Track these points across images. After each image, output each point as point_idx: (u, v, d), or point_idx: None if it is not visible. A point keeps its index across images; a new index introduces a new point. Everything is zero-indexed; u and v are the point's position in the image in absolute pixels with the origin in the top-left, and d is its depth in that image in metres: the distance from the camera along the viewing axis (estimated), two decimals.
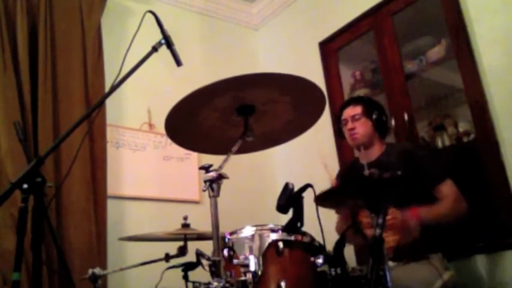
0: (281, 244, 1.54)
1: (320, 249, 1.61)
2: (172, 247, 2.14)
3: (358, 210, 2.30)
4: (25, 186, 1.41)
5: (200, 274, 1.68)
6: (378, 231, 1.51)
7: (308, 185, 1.62)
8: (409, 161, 2.27)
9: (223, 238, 1.60)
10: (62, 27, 3.03)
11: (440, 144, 3.02)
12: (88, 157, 2.89)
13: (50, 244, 2.48)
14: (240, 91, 1.61)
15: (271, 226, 1.59)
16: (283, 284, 1.48)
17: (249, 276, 1.49)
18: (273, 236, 1.56)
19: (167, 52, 1.80)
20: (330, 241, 1.66)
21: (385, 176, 1.59)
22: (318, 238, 1.64)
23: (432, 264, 2.16)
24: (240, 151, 1.66)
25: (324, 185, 1.80)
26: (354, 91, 3.50)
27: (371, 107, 2.51)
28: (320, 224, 1.64)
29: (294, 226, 1.57)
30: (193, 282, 1.82)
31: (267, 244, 1.54)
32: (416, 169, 2.13)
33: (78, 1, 3.14)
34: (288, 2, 3.95)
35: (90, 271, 2.03)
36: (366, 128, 2.48)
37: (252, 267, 1.50)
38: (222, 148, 1.70)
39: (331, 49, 3.61)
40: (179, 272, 2.02)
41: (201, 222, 2.06)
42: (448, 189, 2.28)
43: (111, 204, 2.94)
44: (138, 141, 3.29)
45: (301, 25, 3.84)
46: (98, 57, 3.11)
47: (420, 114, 3.21)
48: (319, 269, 1.57)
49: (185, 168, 3.39)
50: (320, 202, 1.70)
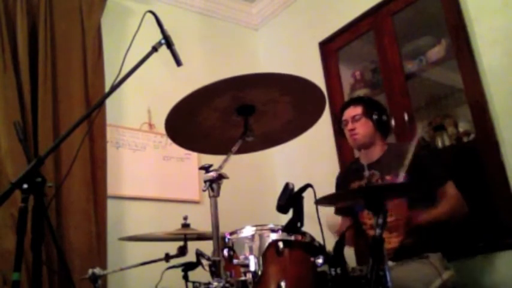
0: (281, 244, 1.54)
1: (320, 249, 1.61)
2: (172, 247, 2.14)
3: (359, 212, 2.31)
4: (25, 186, 1.41)
5: (200, 274, 1.68)
6: (378, 231, 1.52)
7: (308, 185, 1.62)
8: (412, 163, 2.27)
9: (223, 238, 1.59)
10: (62, 27, 3.03)
11: (440, 144, 3.02)
12: (88, 157, 2.89)
13: (50, 244, 2.48)
14: (240, 91, 1.61)
15: (271, 226, 1.59)
16: (283, 284, 1.48)
17: (249, 276, 1.49)
18: (273, 236, 1.56)
19: (167, 52, 1.79)
20: (330, 241, 1.66)
21: (385, 182, 1.58)
22: (318, 238, 1.64)
23: (432, 263, 2.16)
24: (240, 151, 1.66)
25: (324, 185, 1.80)
26: (354, 91, 3.50)
27: (371, 107, 2.51)
28: (320, 224, 1.64)
29: (294, 226, 1.57)
30: (193, 282, 1.82)
31: (267, 244, 1.54)
32: (418, 171, 2.13)
33: (78, 1, 3.14)
34: (288, 2, 3.95)
35: (90, 271, 2.03)
36: (367, 129, 2.47)
37: (252, 267, 1.50)
38: (222, 148, 1.70)
39: (331, 49, 3.61)
40: (179, 272, 2.02)
41: (201, 222, 2.06)
42: (450, 191, 2.28)
43: (111, 204, 2.94)
44: (138, 141, 3.29)
45: (301, 25, 3.84)
46: (98, 57, 3.11)
47: (420, 114, 3.21)
48: (319, 269, 1.57)
49: (185, 168, 3.39)
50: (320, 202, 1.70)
